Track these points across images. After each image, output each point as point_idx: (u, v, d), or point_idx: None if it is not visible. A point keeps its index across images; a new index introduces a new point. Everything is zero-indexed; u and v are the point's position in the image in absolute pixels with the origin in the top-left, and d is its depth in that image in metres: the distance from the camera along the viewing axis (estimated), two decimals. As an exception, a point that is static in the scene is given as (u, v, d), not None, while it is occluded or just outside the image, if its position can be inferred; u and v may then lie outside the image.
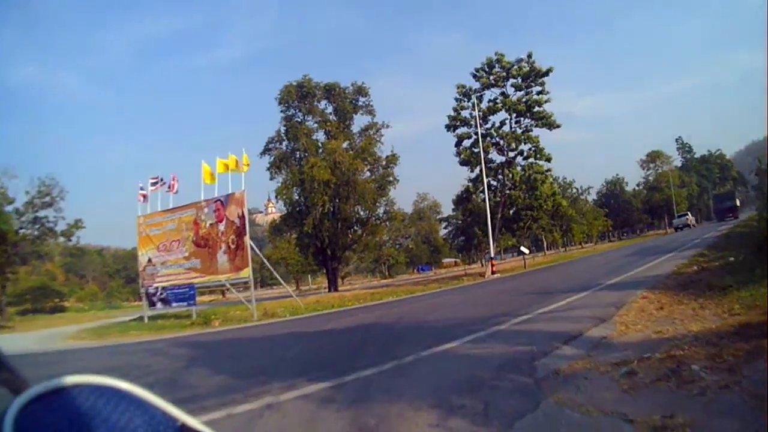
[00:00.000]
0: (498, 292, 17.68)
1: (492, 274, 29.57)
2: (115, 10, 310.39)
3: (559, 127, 36.81)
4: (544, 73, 36.25)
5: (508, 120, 37.53)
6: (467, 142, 37.44)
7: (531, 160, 37.43)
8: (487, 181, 35.31)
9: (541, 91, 36.49)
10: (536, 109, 36.26)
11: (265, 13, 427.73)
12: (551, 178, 41.01)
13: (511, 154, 37.94)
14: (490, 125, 37.81)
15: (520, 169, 37.59)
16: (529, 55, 36.34)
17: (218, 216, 20.49)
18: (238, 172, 21.01)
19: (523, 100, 36.49)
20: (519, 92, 36.99)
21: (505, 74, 37.00)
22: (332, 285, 39.57)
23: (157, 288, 22.04)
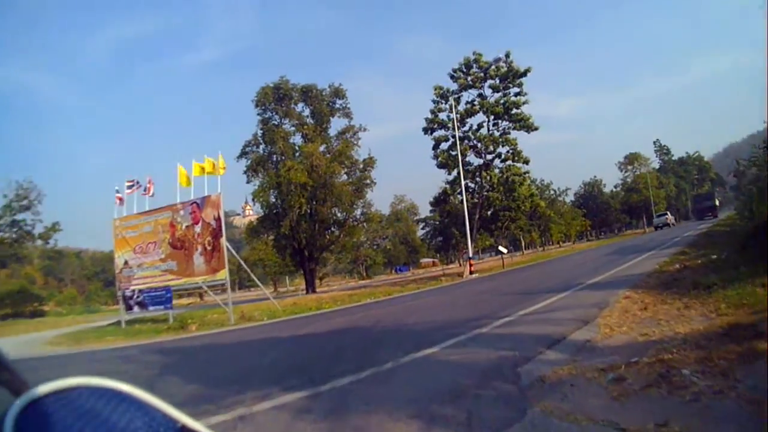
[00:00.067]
0: (477, 293, 17.56)
1: (470, 274, 29.48)
2: (90, 12, 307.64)
3: (536, 130, 37.02)
4: (522, 74, 36.40)
5: (486, 122, 37.72)
6: (445, 145, 37.49)
7: (509, 163, 37.67)
8: (465, 183, 35.40)
9: (519, 93, 36.69)
10: (514, 111, 36.44)
11: (242, 16, 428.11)
12: (529, 179, 41.22)
13: (489, 157, 38.11)
14: (467, 128, 37.98)
15: (498, 171, 37.83)
16: (507, 55, 36.42)
17: (194, 218, 20.23)
18: (215, 175, 20.75)
19: (501, 102, 36.61)
20: (497, 93, 37.19)
21: (482, 75, 37.16)
22: (310, 286, 39.30)
23: (134, 291, 21.70)
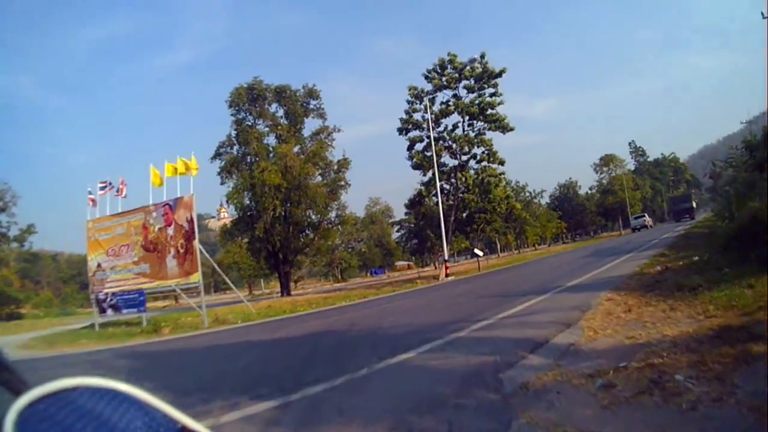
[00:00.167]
0: (454, 296, 17.59)
1: (446, 277, 29.84)
2: (65, 13, 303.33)
3: (512, 130, 37.59)
4: (497, 74, 36.91)
5: (461, 123, 38.15)
6: (419, 146, 37.95)
7: (484, 164, 38.12)
8: (440, 185, 35.75)
9: (494, 93, 37.17)
10: (489, 111, 36.93)
11: (217, 17, 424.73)
12: (505, 181, 41.71)
13: (464, 158, 38.62)
14: (442, 128, 38.48)
15: (473, 172, 38.27)
16: (482, 56, 36.99)
17: (167, 220, 20.36)
18: (188, 176, 20.86)
19: (476, 102, 37.06)
20: (472, 94, 37.64)
21: (457, 75, 37.59)
22: (285, 289, 39.61)
23: (107, 294, 21.72)
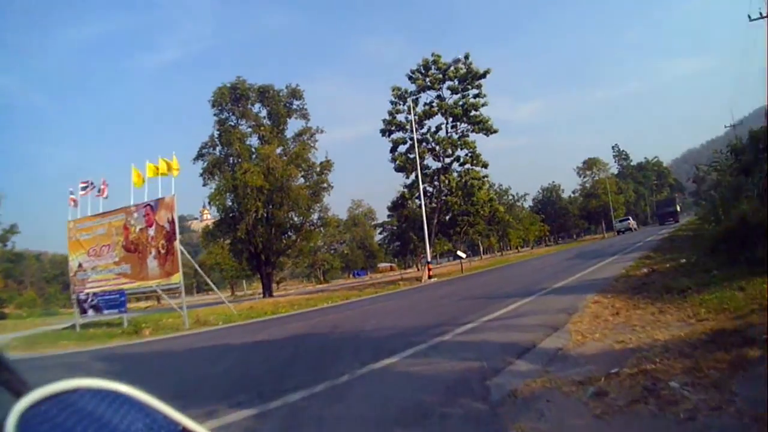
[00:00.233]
0: (437, 298, 17.54)
1: (429, 279, 30.05)
2: (47, 11, 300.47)
3: (496, 132, 37.78)
4: (482, 75, 37.14)
5: (444, 124, 38.39)
6: (402, 148, 37.98)
7: (467, 166, 38.30)
8: (423, 187, 35.86)
9: (478, 94, 37.36)
10: (473, 113, 37.12)
11: (202, 17, 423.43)
12: (488, 184, 42.12)
13: (448, 160, 38.81)
14: (426, 130, 38.56)
15: (456, 175, 38.43)
16: (466, 56, 37.23)
17: (148, 221, 20.48)
18: (169, 176, 21.00)
19: (460, 104, 37.22)
20: (455, 95, 37.84)
21: (441, 76, 37.79)
22: (267, 290, 39.82)
23: (88, 294, 21.77)
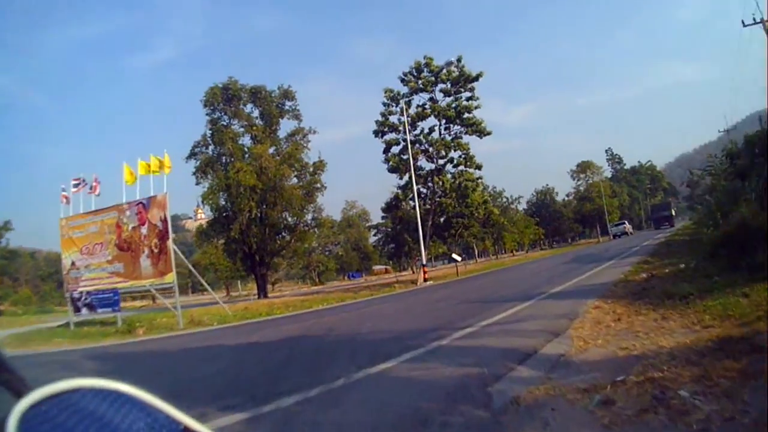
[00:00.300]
0: (433, 301, 17.58)
1: (424, 282, 30.09)
2: (41, 10, 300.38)
3: (489, 135, 37.72)
4: (474, 78, 37.02)
5: (438, 126, 38.34)
6: (396, 149, 37.89)
7: (461, 168, 38.19)
8: (417, 189, 35.76)
9: (471, 97, 37.28)
10: (466, 115, 37.08)
11: (195, 17, 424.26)
12: (482, 186, 42.24)
13: (441, 162, 38.74)
14: (419, 131, 38.49)
15: (450, 176, 38.33)
16: (459, 59, 37.17)
17: (140, 219, 20.48)
18: (162, 174, 21.00)
19: (453, 106, 37.22)
20: (448, 98, 37.81)
21: (434, 78, 37.72)
22: (262, 291, 39.92)
23: (82, 293, 21.74)
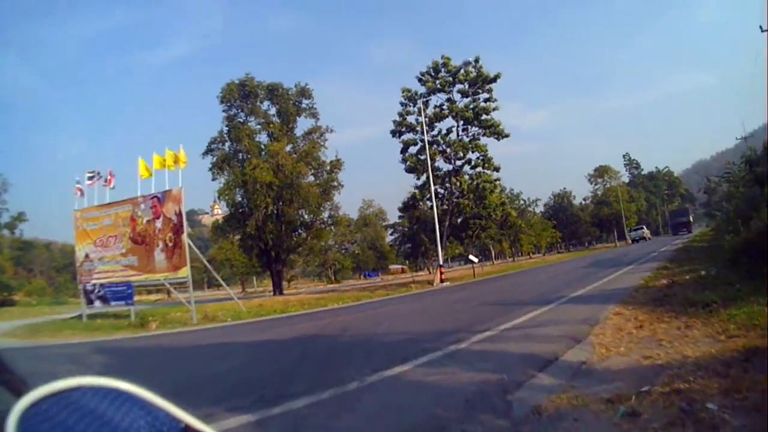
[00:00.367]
0: (451, 303, 17.44)
1: (441, 282, 29.83)
2: (59, 4, 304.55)
3: (507, 137, 37.38)
4: (492, 79, 36.66)
5: (455, 127, 38.07)
6: (413, 149, 37.64)
7: (479, 169, 37.89)
8: (435, 189, 35.64)
9: (488, 99, 36.98)
10: (484, 117, 36.74)
11: (212, 14, 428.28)
12: (500, 187, 41.78)
13: (459, 163, 38.44)
14: (436, 132, 38.28)
15: (467, 177, 38.00)
16: (476, 60, 36.72)
17: (155, 213, 20.58)
18: (177, 169, 21.02)
19: (471, 107, 36.93)
20: (466, 98, 37.55)
21: (451, 79, 37.47)
22: (277, 288, 39.97)
23: (95, 285, 21.87)
